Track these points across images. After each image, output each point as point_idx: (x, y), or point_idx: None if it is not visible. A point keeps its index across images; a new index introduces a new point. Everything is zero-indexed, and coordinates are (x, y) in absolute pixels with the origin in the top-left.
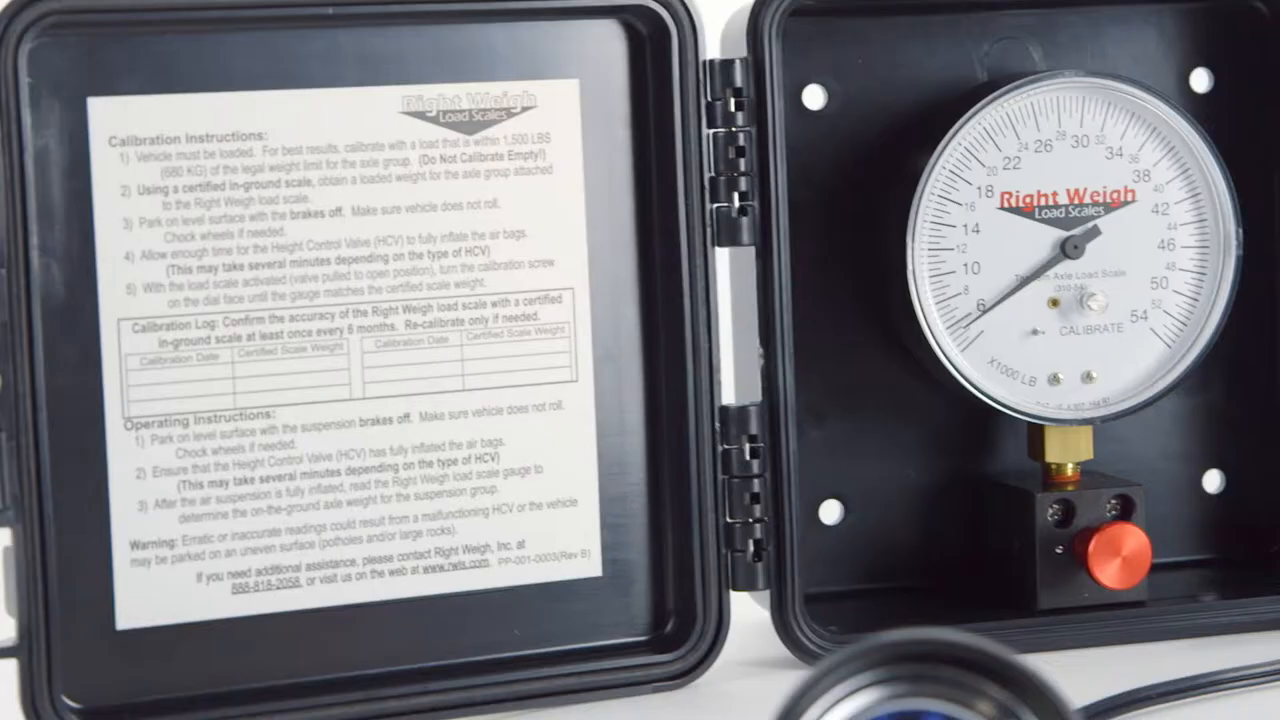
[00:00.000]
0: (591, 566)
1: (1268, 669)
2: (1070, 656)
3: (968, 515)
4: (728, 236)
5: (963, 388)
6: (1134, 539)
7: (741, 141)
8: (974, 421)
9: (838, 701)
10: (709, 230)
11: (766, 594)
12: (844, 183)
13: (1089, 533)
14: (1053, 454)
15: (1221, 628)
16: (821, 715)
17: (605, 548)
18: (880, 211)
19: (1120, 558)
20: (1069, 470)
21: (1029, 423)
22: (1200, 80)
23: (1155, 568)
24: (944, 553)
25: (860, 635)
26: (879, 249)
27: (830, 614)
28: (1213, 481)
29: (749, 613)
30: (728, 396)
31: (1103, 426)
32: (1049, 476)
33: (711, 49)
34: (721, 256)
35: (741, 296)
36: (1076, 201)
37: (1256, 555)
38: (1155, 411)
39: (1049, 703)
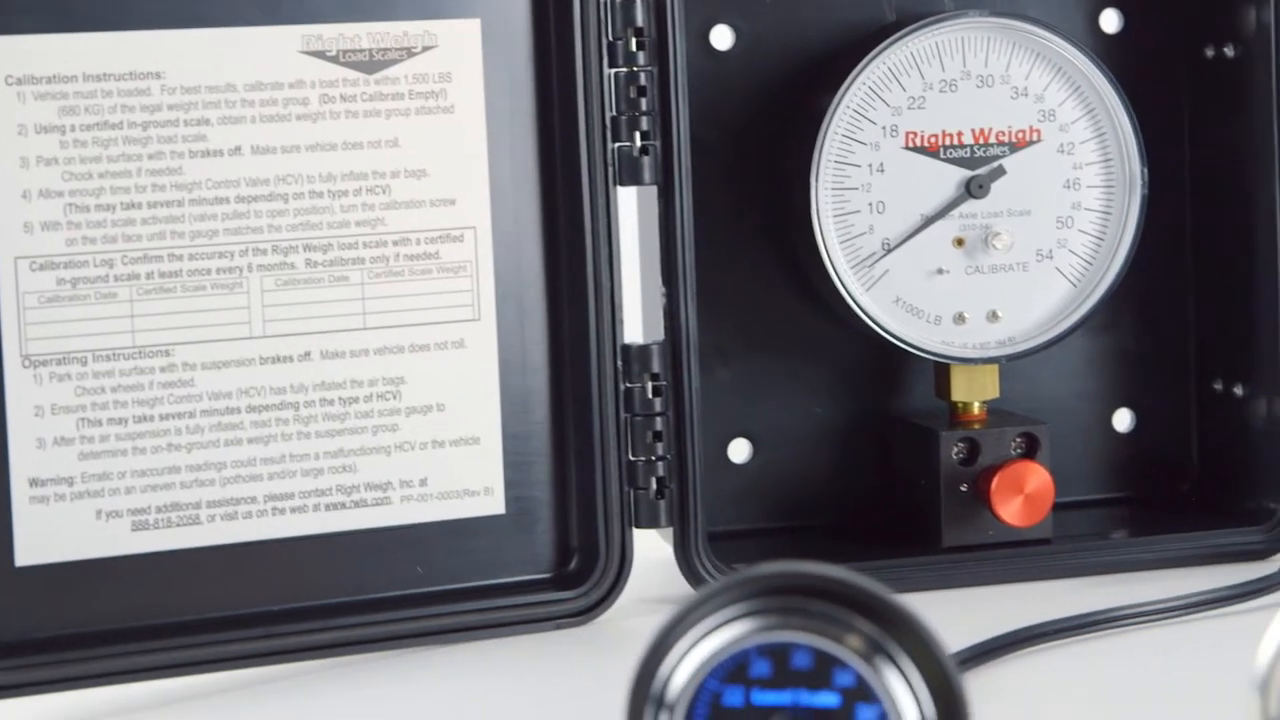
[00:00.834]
0: (494, 504)
1: (1165, 605)
2: (975, 593)
3: (876, 454)
4: (629, 176)
5: (868, 327)
6: (1037, 477)
7: (643, 81)
8: (883, 361)
9: (707, 634)
10: (610, 169)
11: (671, 531)
12: (752, 123)
13: (992, 471)
14: (958, 393)
15: (1128, 565)
16: (690, 647)
17: (508, 485)
18: (787, 152)
19: (1023, 495)
20: (975, 409)
21: (934, 362)
22: (1110, 21)
23: (1064, 506)
24: (852, 491)
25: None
26: (785, 189)
27: (735, 551)
28: (1122, 421)
29: (654, 551)
30: (634, 335)
31: (1011, 366)
32: (955, 415)
33: None
34: (629, 196)
35: (649, 236)
36: (981, 141)
37: (1166, 494)
38: (1064, 351)
39: (918, 638)
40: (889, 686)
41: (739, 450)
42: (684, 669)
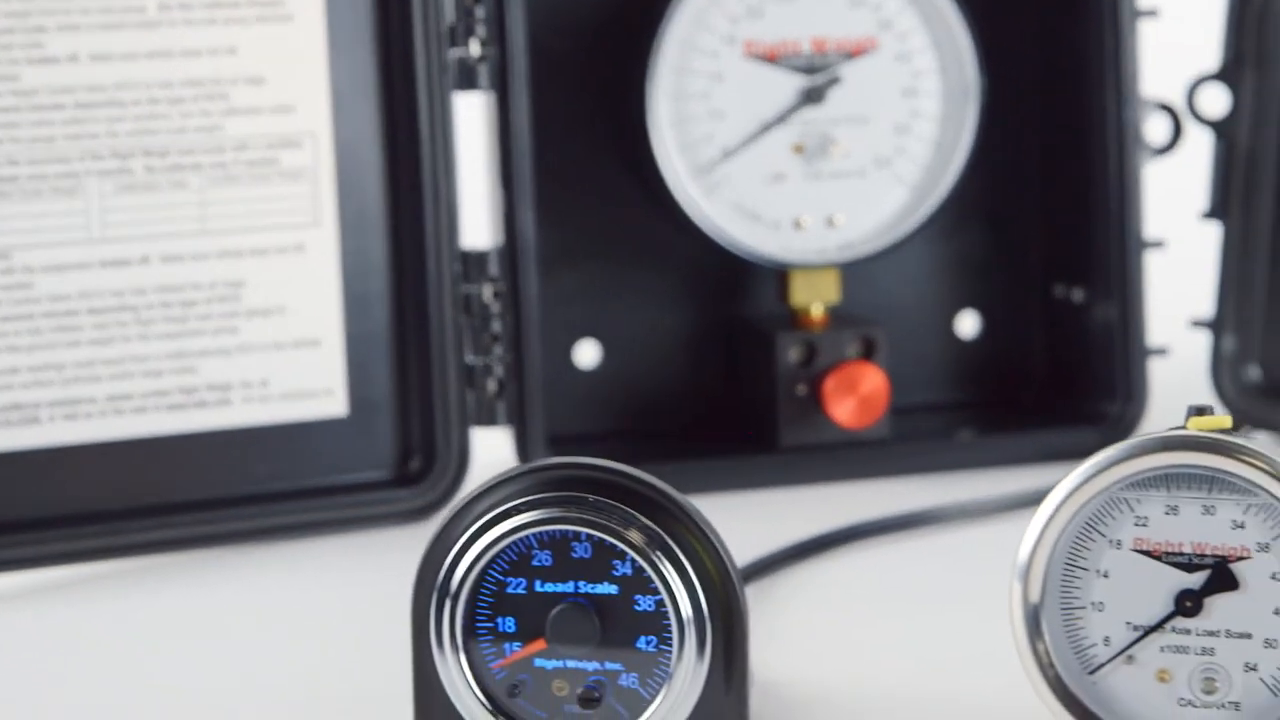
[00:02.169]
0: (335, 405)
1: (989, 504)
2: (814, 492)
3: (723, 358)
4: (466, 82)
5: (706, 233)
6: (871, 379)
7: None
8: (729, 265)
9: (491, 524)
10: (448, 76)
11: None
12: (600, 31)
13: (828, 372)
14: (798, 297)
15: (965, 464)
16: (474, 537)
17: (349, 387)
18: (630, 59)
19: (856, 397)
20: (815, 313)
21: (775, 267)
22: None
23: (908, 410)
24: (699, 395)
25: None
26: (628, 96)
27: (577, 454)
28: (968, 326)
29: (500, 452)
30: (484, 240)
31: (857, 272)
32: (796, 319)
33: None
34: (480, 102)
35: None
36: (819, 50)
37: (1010, 399)
38: (910, 257)
39: (695, 532)
40: (666, 577)
41: (586, 355)
42: (467, 559)
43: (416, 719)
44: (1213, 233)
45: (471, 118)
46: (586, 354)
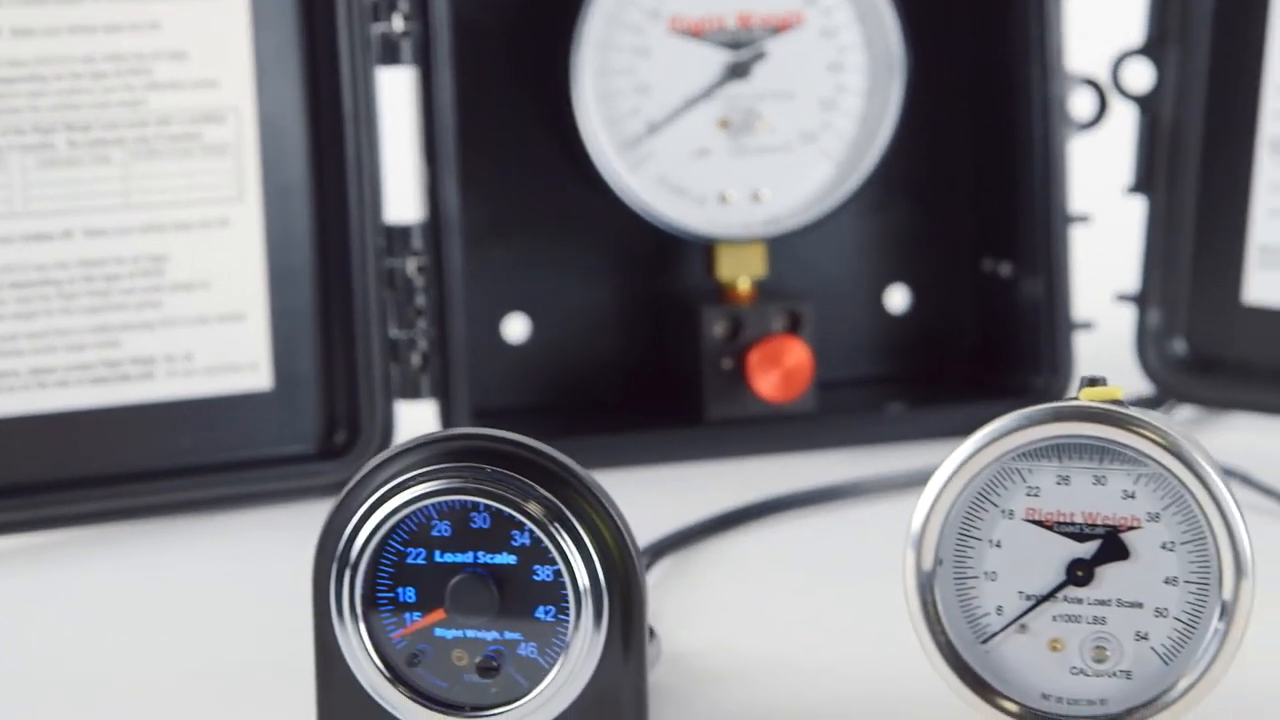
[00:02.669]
0: (260, 379)
1: (906, 477)
2: (741, 465)
3: (651, 332)
4: (389, 57)
5: (632, 207)
6: (795, 353)
7: None
8: (659, 240)
9: (390, 494)
10: (371, 51)
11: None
12: (522, 5)
13: (752, 346)
14: (724, 271)
15: (891, 438)
16: (373, 508)
17: (273, 361)
18: (553, 35)
19: (780, 370)
20: (742, 287)
21: (700, 241)
22: None
23: (837, 384)
24: (628, 369)
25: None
26: (553, 71)
27: (505, 427)
28: (898, 300)
29: (424, 427)
30: (411, 214)
31: (787, 247)
32: (723, 293)
33: None
34: (406, 77)
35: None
36: (744, 25)
37: (940, 374)
38: (839, 232)
39: (594, 504)
40: (563, 548)
41: (515, 329)
42: (366, 529)
43: (318, 689)
44: (1138, 207)
45: (396, 93)
46: (515, 328)
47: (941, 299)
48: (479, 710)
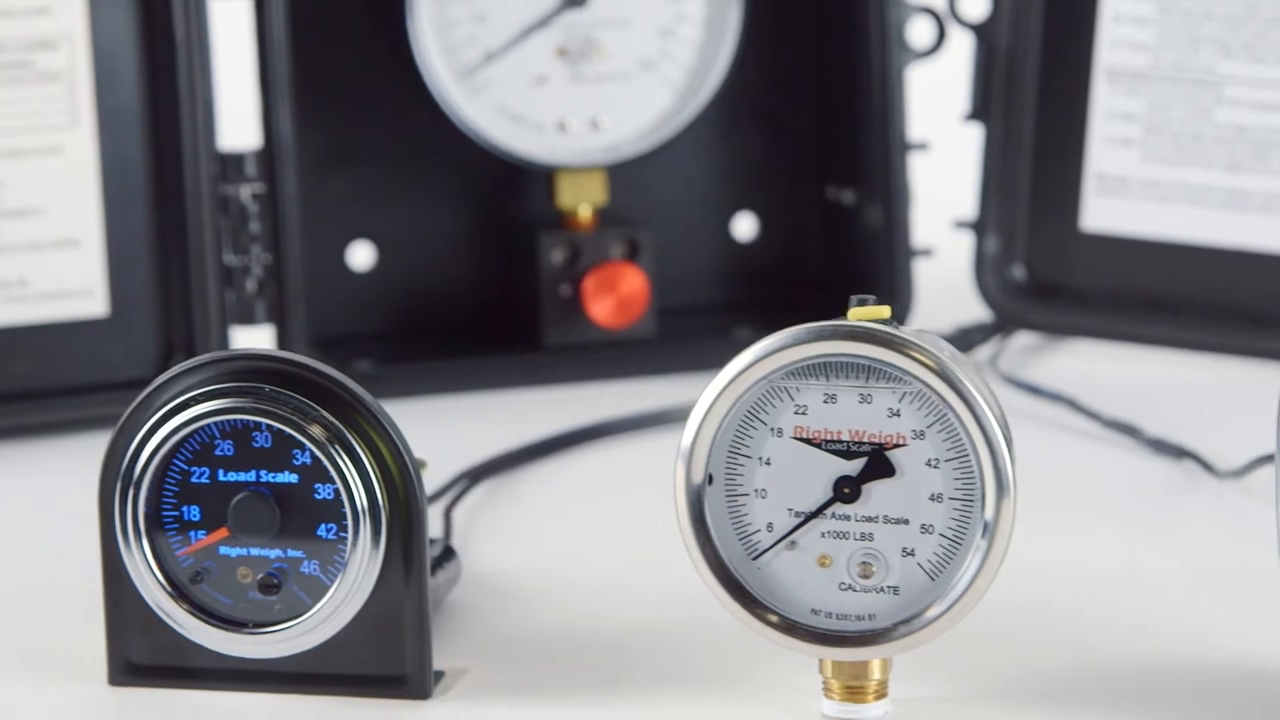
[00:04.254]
0: (96, 305)
1: None
2: (582, 390)
3: (497, 260)
4: None
5: (470, 136)
6: (630, 279)
7: None
8: (504, 168)
9: (171, 414)
10: None
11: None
12: None
13: (587, 272)
14: (565, 199)
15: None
16: (155, 426)
17: (109, 287)
18: None
19: (615, 296)
20: (583, 214)
21: (540, 169)
22: None
23: (686, 311)
24: (474, 296)
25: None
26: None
27: (347, 354)
28: (744, 229)
29: None
30: (250, 142)
31: (633, 175)
32: (564, 221)
33: None
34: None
35: None
36: None
37: (787, 301)
38: (685, 160)
39: (377, 426)
40: (341, 467)
41: (361, 256)
42: (149, 447)
43: (106, 607)
44: (976, 135)
45: (237, 21)
46: (361, 255)
47: (788, 227)
48: (262, 626)
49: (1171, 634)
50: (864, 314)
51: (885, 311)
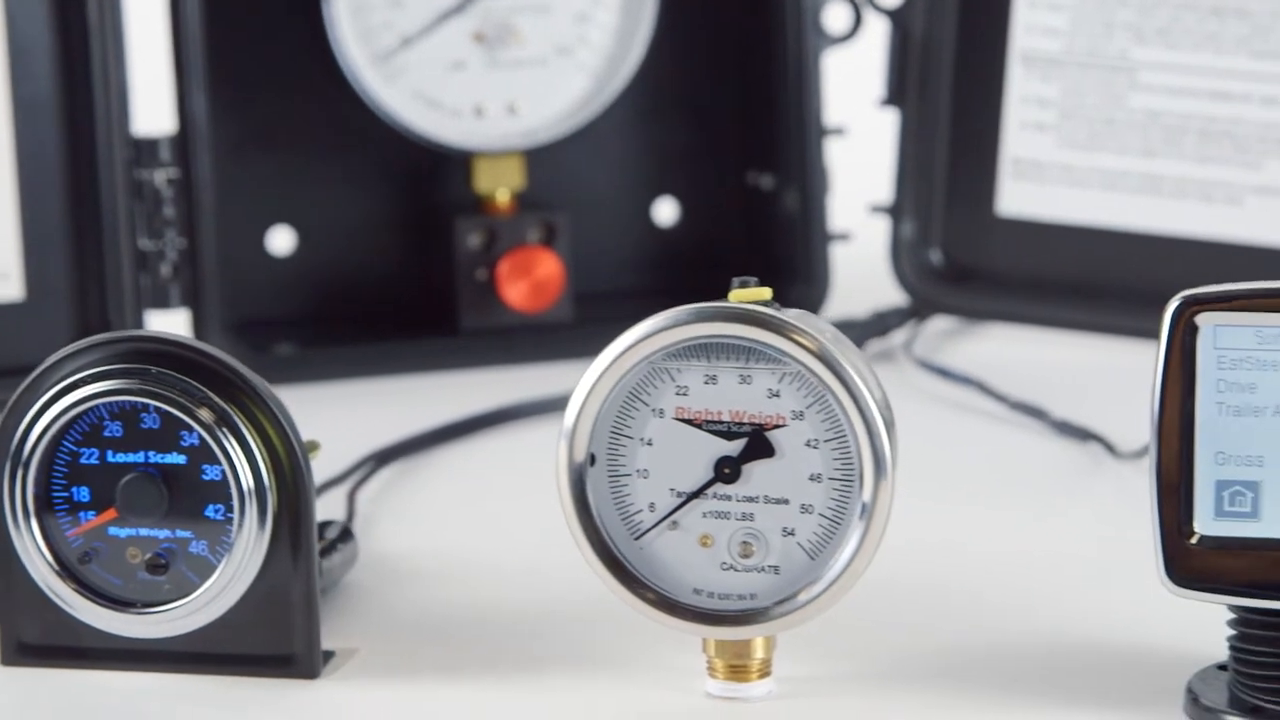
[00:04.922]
0: (11, 289)
1: None
2: (499, 375)
3: (417, 244)
4: None
5: (386, 121)
6: (545, 263)
7: None
8: (424, 152)
9: (59, 395)
10: None
11: None
12: None
13: (502, 256)
14: (482, 183)
15: None
16: (44, 408)
17: (24, 270)
18: None
19: (529, 280)
20: (501, 199)
21: (457, 154)
22: None
23: (606, 296)
24: (393, 280)
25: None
26: None
27: (268, 338)
28: (665, 214)
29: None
30: (165, 127)
31: (554, 160)
32: (482, 205)
33: None
34: None
35: None
36: None
37: (709, 287)
38: (606, 145)
39: (265, 409)
40: (227, 449)
41: (280, 241)
42: (37, 428)
43: None
44: (892, 120)
45: (152, 5)
46: (280, 240)
47: (710, 212)
48: (151, 606)
49: (1066, 613)
50: (745, 295)
51: (766, 293)
